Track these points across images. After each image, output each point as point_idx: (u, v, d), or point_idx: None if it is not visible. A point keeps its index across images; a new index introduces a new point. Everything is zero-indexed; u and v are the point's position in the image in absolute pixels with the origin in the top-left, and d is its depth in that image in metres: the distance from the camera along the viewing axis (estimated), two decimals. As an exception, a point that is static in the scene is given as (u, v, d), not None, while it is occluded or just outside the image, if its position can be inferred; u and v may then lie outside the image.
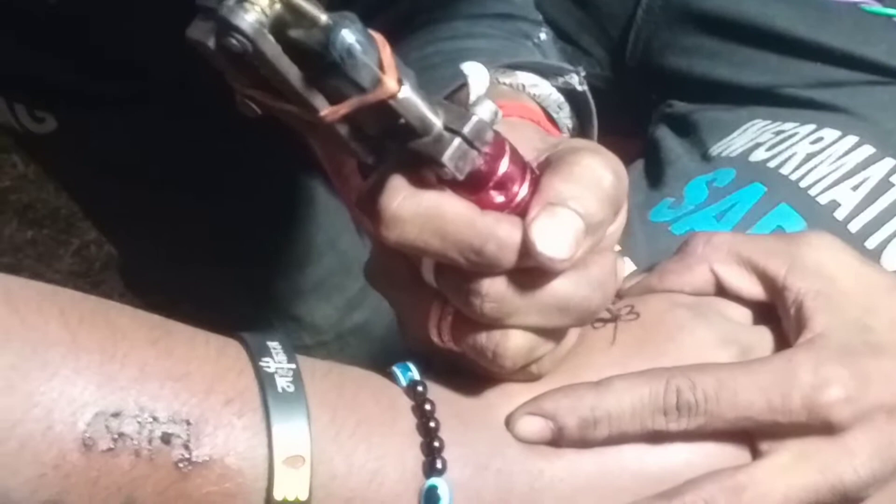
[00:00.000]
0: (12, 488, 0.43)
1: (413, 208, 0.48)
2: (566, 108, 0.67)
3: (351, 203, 1.20)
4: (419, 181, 0.49)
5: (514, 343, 0.50)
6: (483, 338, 0.50)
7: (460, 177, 0.48)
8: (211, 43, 0.44)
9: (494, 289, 0.49)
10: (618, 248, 0.54)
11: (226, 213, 1.11)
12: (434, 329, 0.52)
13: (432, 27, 0.73)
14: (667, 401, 0.52)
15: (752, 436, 0.54)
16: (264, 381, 0.47)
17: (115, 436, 0.44)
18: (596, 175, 0.50)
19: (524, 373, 0.53)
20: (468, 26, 0.73)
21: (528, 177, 0.50)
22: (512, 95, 0.64)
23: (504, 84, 0.65)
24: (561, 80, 0.67)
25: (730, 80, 0.89)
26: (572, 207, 0.49)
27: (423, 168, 0.48)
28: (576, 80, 0.66)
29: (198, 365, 0.47)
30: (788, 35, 0.87)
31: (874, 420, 0.53)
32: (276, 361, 0.48)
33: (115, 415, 0.44)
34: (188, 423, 0.45)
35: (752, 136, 0.82)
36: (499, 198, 0.50)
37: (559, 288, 0.50)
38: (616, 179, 0.51)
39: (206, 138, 1.05)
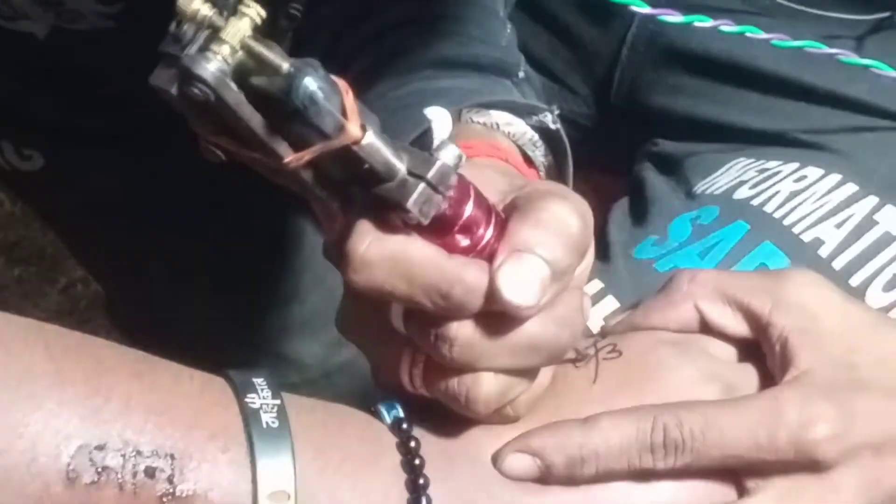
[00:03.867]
0: None
1: (380, 252, 0.48)
2: (542, 147, 0.67)
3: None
4: (386, 226, 0.48)
5: (485, 387, 0.50)
6: (454, 383, 0.50)
7: (425, 221, 0.48)
8: (174, 90, 0.44)
9: (462, 333, 0.49)
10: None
11: (213, 252, 1.10)
12: (406, 376, 0.52)
13: (413, 66, 0.73)
14: (654, 439, 0.52)
15: (739, 473, 0.53)
16: (249, 417, 0.47)
17: (99, 469, 0.44)
18: (562, 221, 0.50)
19: (500, 415, 0.52)
20: (446, 67, 0.73)
21: (493, 220, 0.50)
22: (485, 134, 0.64)
23: (477, 123, 0.65)
24: (535, 118, 0.66)
25: (713, 119, 0.89)
26: (539, 254, 0.49)
27: (390, 213, 0.48)
28: (549, 119, 0.66)
29: (182, 399, 0.47)
30: (771, 74, 0.88)
31: (860, 457, 0.53)
32: (261, 397, 0.48)
33: (99, 448, 0.44)
34: (172, 457, 0.45)
35: (736, 174, 0.83)
36: (464, 241, 0.49)
37: (527, 329, 0.50)
38: (583, 224, 0.51)
39: (193, 176, 1.05)
